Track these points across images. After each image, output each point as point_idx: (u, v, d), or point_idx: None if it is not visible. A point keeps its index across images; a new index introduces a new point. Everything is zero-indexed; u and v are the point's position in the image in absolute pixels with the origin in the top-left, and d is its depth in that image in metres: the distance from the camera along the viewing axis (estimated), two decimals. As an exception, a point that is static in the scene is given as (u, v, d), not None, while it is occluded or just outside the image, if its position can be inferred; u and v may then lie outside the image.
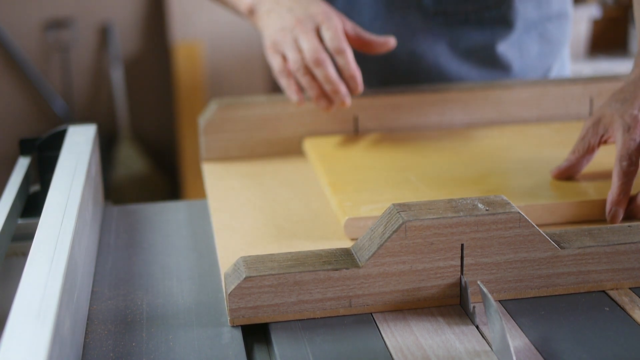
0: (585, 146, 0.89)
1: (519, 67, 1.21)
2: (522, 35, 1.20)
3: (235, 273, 0.67)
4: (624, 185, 0.82)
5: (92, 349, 0.66)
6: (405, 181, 0.91)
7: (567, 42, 1.29)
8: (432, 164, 0.96)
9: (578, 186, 0.88)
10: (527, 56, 1.22)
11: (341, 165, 0.97)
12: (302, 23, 1.01)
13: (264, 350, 0.67)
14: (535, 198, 0.85)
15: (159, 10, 2.93)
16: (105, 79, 2.97)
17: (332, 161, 0.98)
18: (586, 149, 0.89)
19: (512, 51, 1.20)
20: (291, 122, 1.06)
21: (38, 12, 2.88)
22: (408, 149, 1.02)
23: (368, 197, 0.87)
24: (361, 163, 0.98)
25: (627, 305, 0.69)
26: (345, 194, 0.88)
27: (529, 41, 1.21)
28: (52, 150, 0.94)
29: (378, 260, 0.67)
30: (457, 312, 0.69)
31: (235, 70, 2.92)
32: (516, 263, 0.69)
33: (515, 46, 1.20)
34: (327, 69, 0.98)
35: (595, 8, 2.86)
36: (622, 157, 0.83)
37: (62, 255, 0.63)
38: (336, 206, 0.86)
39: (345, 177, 0.93)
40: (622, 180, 0.82)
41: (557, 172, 0.90)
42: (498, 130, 1.08)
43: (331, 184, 0.91)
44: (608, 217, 0.82)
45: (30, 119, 2.94)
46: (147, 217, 0.94)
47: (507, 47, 1.19)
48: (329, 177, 0.93)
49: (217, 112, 1.05)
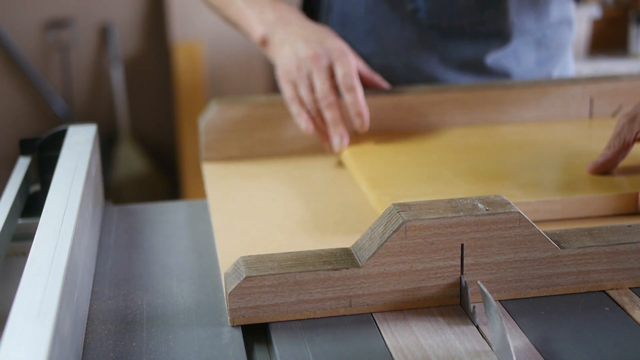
0: (621, 142, 0.91)
1: (518, 75, 1.21)
2: (517, 44, 1.20)
3: (235, 273, 0.67)
4: None
5: (92, 349, 0.66)
6: (440, 175, 0.92)
7: (569, 47, 1.28)
8: (464, 159, 0.97)
9: (613, 180, 0.89)
10: (525, 64, 1.22)
11: (374, 162, 0.98)
12: (317, 59, 1.03)
13: (264, 350, 0.67)
14: (572, 191, 0.86)
15: (159, 10, 2.93)
16: (105, 79, 2.97)
17: (364, 157, 0.99)
18: (622, 145, 0.91)
19: (508, 60, 1.20)
20: (291, 122, 1.06)
21: (38, 12, 2.88)
22: (437, 145, 1.03)
23: (405, 191, 0.88)
24: (393, 159, 0.99)
25: (627, 305, 0.69)
26: (382, 188, 0.89)
27: (525, 49, 1.21)
28: (52, 150, 0.94)
29: (378, 260, 0.67)
30: (457, 312, 0.69)
31: (235, 70, 2.92)
32: (516, 263, 0.69)
33: (511, 56, 1.20)
34: (333, 113, 1.01)
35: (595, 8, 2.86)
36: None
37: (62, 255, 0.63)
38: (375, 201, 0.87)
39: (380, 173, 0.94)
40: None
41: (594, 167, 0.92)
42: (523, 127, 1.08)
43: (367, 180, 0.92)
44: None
45: (30, 119, 2.95)
46: (147, 217, 0.94)
47: (503, 57, 1.20)
48: (364, 173, 0.94)
49: (217, 112, 1.05)
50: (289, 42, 1.07)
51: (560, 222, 0.84)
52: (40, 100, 2.93)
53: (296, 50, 1.05)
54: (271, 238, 0.82)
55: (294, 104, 1.04)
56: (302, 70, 1.03)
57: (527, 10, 1.19)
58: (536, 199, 0.84)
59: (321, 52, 1.03)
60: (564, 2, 1.24)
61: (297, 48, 1.05)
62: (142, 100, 3.02)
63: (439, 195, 0.85)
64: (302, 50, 1.04)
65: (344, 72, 1.02)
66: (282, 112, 1.06)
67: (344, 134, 1.02)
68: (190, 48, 2.85)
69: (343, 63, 1.03)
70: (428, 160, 0.98)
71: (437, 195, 0.85)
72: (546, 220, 0.84)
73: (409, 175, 0.93)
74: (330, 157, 1.06)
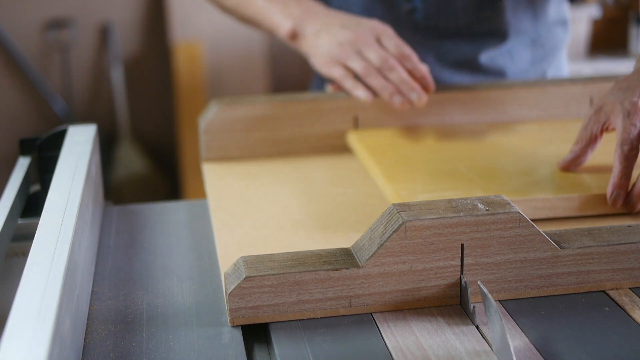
0: (588, 135, 0.90)
1: (513, 73, 1.22)
2: (512, 43, 1.20)
3: (235, 273, 0.67)
4: (626, 169, 0.84)
5: (92, 349, 0.66)
6: (456, 171, 0.92)
7: (564, 47, 1.29)
8: (479, 156, 0.97)
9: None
10: (520, 62, 1.22)
11: (390, 157, 0.98)
12: (362, 36, 1.04)
13: (264, 350, 0.67)
14: (588, 189, 0.86)
15: (159, 10, 2.93)
16: (105, 79, 2.97)
17: (380, 152, 0.99)
18: (589, 138, 0.90)
19: (503, 59, 1.20)
20: (291, 122, 1.06)
21: (38, 12, 2.88)
22: (452, 141, 1.04)
23: (422, 186, 0.88)
24: (410, 155, 0.99)
25: (627, 305, 0.69)
26: (399, 183, 0.89)
27: (520, 47, 1.21)
28: (52, 150, 0.94)
29: (378, 260, 0.67)
30: (457, 312, 0.69)
31: (235, 70, 2.92)
32: (516, 263, 0.69)
33: (506, 54, 1.21)
34: (400, 72, 1.02)
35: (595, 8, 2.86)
36: (623, 141, 0.84)
37: (62, 255, 0.63)
38: (392, 195, 0.87)
39: (396, 168, 0.94)
40: (624, 164, 0.84)
41: (564, 164, 0.92)
42: (537, 125, 1.09)
43: (384, 174, 0.92)
44: (610, 200, 0.84)
45: (30, 119, 2.94)
46: (147, 217, 0.94)
47: (498, 55, 1.20)
48: (380, 168, 0.94)
49: (217, 112, 1.05)
50: (325, 31, 1.07)
51: (560, 222, 0.84)
52: (40, 100, 2.93)
53: (336, 36, 1.05)
54: (271, 238, 0.82)
55: (347, 79, 1.04)
56: (347, 50, 1.04)
57: (523, 10, 1.19)
58: (554, 195, 0.85)
59: (363, 32, 1.04)
60: (559, 3, 1.24)
61: (336, 34, 1.05)
62: (142, 100, 3.02)
63: (457, 192, 0.86)
64: (341, 35, 1.05)
65: (394, 43, 1.03)
66: (282, 112, 1.06)
67: (417, 88, 1.02)
68: (190, 48, 2.85)
69: (390, 35, 1.03)
70: (443, 156, 0.98)
71: (454, 192, 0.85)
72: (564, 217, 0.85)
73: (425, 171, 0.93)
74: (330, 157, 1.06)
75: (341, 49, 1.04)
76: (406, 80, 1.01)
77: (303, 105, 1.06)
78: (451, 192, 0.86)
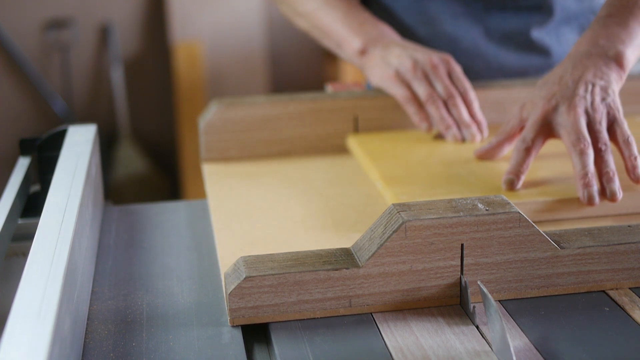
0: (508, 129, 0.95)
1: (558, 53, 1.22)
2: (561, 25, 1.21)
3: (235, 273, 0.67)
4: (522, 159, 0.88)
5: (92, 349, 0.66)
6: (456, 175, 0.92)
7: None
8: (478, 160, 0.97)
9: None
10: (566, 44, 1.22)
11: (389, 161, 0.98)
12: (436, 64, 1.06)
13: (264, 350, 0.67)
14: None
15: (159, 10, 2.93)
16: (105, 79, 2.97)
17: (380, 156, 0.99)
18: (507, 134, 0.95)
19: (549, 38, 1.21)
20: (291, 122, 1.06)
21: (38, 12, 2.88)
22: (452, 144, 1.04)
23: (422, 190, 0.88)
24: (409, 158, 0.99)
25: (627, 305, 0.69)
26: (399, 187, 0.89)
27: (568, 31, 1.22)
28: (52, 150, 0.94)
29: (378, 260, 0.67)
30: (457, 312, 0.69)
31: (235, 70, 2.92)
32: (516, 263, 0.69)
33: (553, 34, 1.21)
34: (462, 111, 1.04)
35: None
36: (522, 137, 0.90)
37: (62, 255, 0.63)
38: (392, 199, 0.87)
39: (396, 172, 0.94)
40: (522, 155, 0.88)
41: (479, 153, 0.97)
42: None
43: (384, 178, 0.92)
44: (504, 186, 0.88)
45: (30, 119, 2.95)
46: (147, 217, 0.94)
47: (544, 34, 1.21)
48: (380, 172, 0.94)
49: (217, 112, 1.05)
50: (400, 48, 1.09)
51: (560, 222, 0.84)
52: (40, 100, 2.93)
53: (410, 54, 1.08)
54: (271, 238, 0.82)
55: (410, 104, 1.06)
56: (417, 71, 1.06)
57: None
58: (553, 198, 0.85)
59: (438, 61, 1.07)
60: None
61: (411, 53, 1.08)
62: (142, 100, 3.02)
63: (456, 195, 0.85)
64: (417, 54, 1.08)
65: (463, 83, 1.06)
66: (282, 112, 1.06)
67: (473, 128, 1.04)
68: (190, 48, 2.85)
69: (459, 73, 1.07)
70: (443, 160, 0.98)
71: (454, 195, 0.85)
72: (565, 219, 0.85)
73: (425, 175, 0.93)
74: (330, 158, 1.06)
75: (412, 67, 1.06)
76: (466, 121, 1.04)
77: (303, 105, 1.06)
78: (451, 195, 0.86)
